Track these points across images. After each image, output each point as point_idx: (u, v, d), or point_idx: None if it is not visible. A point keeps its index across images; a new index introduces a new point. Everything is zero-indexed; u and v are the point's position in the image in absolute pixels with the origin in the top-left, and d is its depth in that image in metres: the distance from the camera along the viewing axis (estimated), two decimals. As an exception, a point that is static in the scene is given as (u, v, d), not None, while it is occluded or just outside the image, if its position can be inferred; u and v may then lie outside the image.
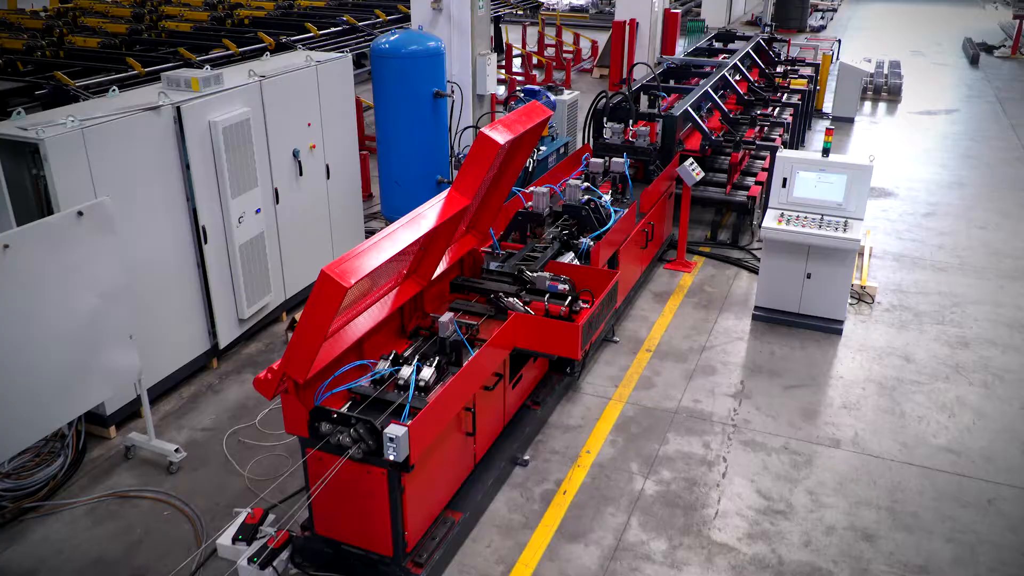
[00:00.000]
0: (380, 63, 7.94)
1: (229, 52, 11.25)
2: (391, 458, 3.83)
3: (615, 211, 6.46)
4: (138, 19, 14.35)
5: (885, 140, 12.76)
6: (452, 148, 8.78)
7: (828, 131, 6.71)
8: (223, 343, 6.34)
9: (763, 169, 9.23)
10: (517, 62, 17.11)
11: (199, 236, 5.91)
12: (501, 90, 15.22)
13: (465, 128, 8.80)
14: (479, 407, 4.78)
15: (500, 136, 4.56)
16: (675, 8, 23.32)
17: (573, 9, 25.08)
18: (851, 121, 13.61)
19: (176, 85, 5.92)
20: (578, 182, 6.42)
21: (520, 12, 20.43)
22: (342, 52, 11.58)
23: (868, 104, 14.95)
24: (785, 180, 6.73)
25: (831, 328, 6.90)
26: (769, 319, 7.08)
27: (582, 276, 5.54)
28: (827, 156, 6.67)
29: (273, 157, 6.56)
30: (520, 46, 18.15)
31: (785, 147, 9.44)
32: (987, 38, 21.24)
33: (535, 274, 5.38)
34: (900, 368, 6.42)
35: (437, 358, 4.43)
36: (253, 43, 11.85)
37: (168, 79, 5.96)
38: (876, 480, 5.19)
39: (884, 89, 15.37)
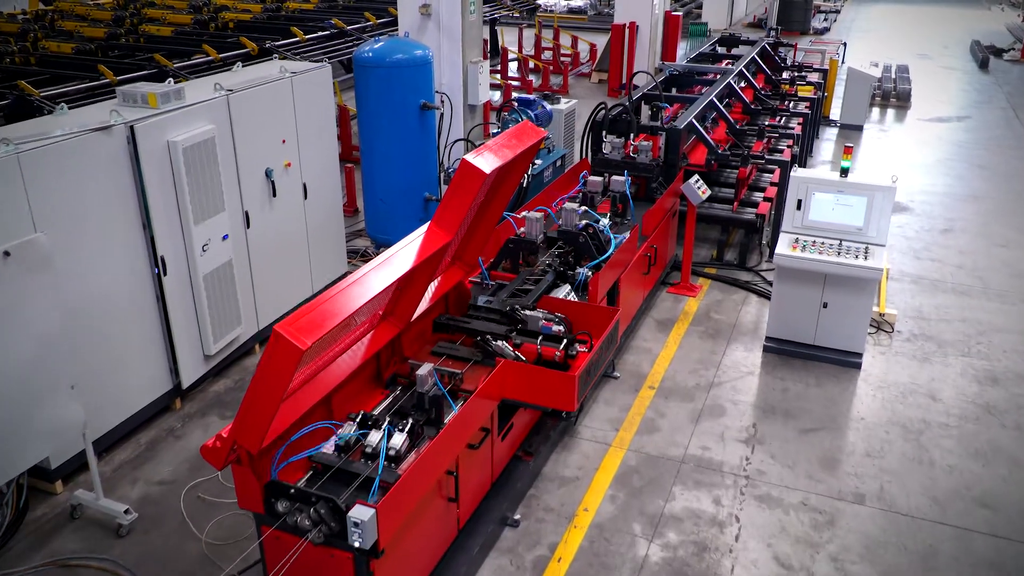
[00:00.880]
0: (363, 73, 7.41)
1: (209, 58, 10.71)
2: (356, 544, 3.30)
3: (615, 238, 5.92)
4: (118, 23, 13.81)
5: (896, 149, 12.24)
6: (441, 163, 8.25)
7: (847, 149, 6.18)
8: (187, 382, 5.80)
9: (772, 183, 8.71)
10: (513, 66, 16.57)
11: (159, 267, 5.38)
12: (496, 96, 14.71)
13: (456, 141, 8.28)
14: (463, 468, 4.24)
15: (486, 164, 4.03)
16: (676, 10, 22.83)
17: (571, 11, 24.53)
18: (860, 129, 13.09)
19: (132, 101, 5.38)
20: (574, 205, 5.88)
21: (516, 15, 19.89)
22: (326, 59, 11.08)
23: (876, 110, 14.43)
24: (800, 202, 6.20)
25: (849, 361, 6.37)
26: (782, 351, 6.55)
27: (579, 313, 5.01)
28: (845, 176, 6.14)
29: (243, 178, 6.02)
30: (516, 50, 17.62)
31: (795, 160, 8.92)
32: (995, 41, 20.72)
33: (527, 312, 4.85)
34: (926, 408, 5.89)
35: (411, 420, 3.89)
36: (236, 48, 11.31)
37: (124, 94, 5.43)
38: (907, 544, 4.66)
39: (893, 95, 14.85)
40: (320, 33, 12.76)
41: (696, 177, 7.17)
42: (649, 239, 6.68)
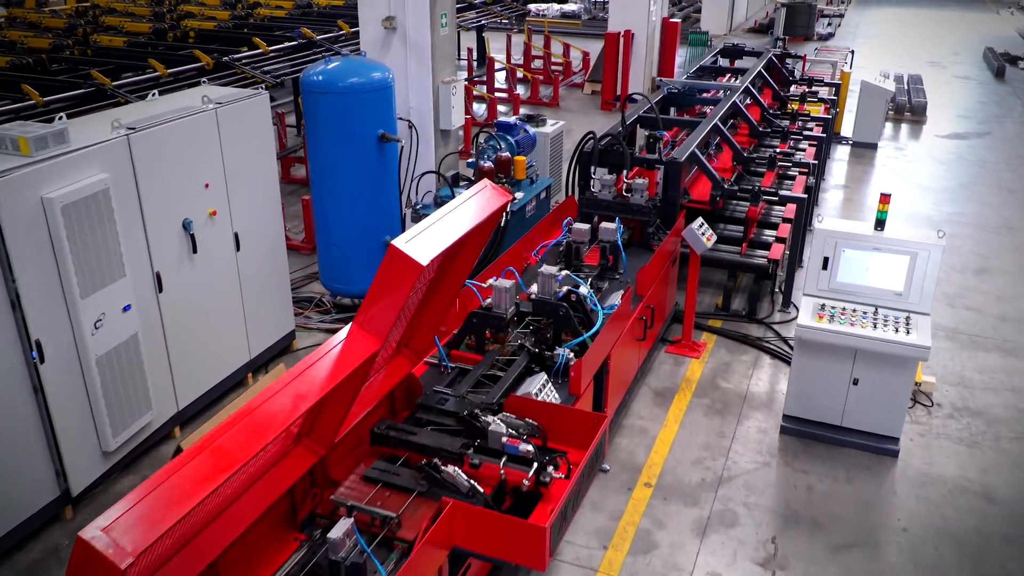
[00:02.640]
0: (312, 100, 6.34)
1: (156, 74, 9.63)
2: None
3: (602, 311, 4.86)
4: (70, 32, 12.71)
5: (914, 171, 11.19)
6: (407, 199, 7.18)
7: (883, 197, 5.13)
8: (78, 487, 4.74)
9: (784, 219, 7.67)
10: (500, 76, 15.51)
11: (36, 353, 4.32)
12: (482, 109, 13.66)
13: (424, 174, 7.22)
14: (397, 648, 3.19)
15: (422, 253, 2.97)
16: (674, 16, 21.79)
17: (564, 16, 23.46)
18: (874, 147, 12.04)
19: (1, 147, 4.32)
20: (553, 270, 4.82)
21: (504, 21, 18.83)
22: (284, 80, 9.96)
23: (889, 125, 13.38)
24: (826, 260, 5.15)
25: (884, 448, 5.33)
26: (803, 433, 5.51)
27: (556, 419, 3.96)
28: (882, 229, 5.09)
29: (153, 234, 4.96)
30: (503, 59, 16.55)
31: (810, 193, 7.88)
32: (1009, 47, 19.69)
33: (489, 420, 3.80)
34: (982, 515, 4.84)
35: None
36: (189, 62, 10.22)
37: (-10, 138, 4.36)
38: None
39: (907, 109, 13.81)
40: (287, 44, 11.66)
41: (700, 221, 6.13)
42: (645, 298, 5.64)
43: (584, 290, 4.84)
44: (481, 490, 3.49)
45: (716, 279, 7.72)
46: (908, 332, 4.87)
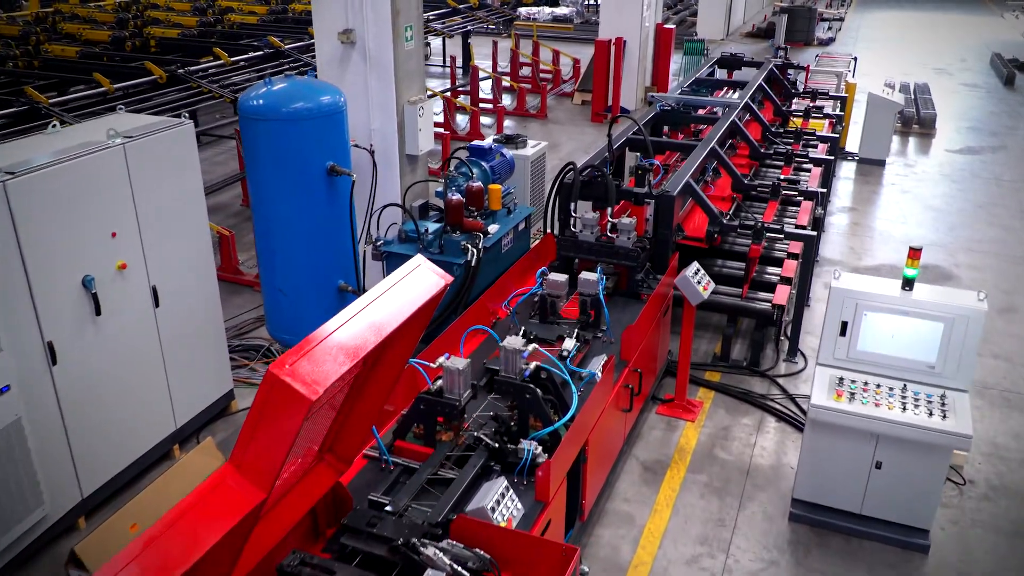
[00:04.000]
0: (251, 128, 5.53)
1: (101, 89, 8.82)
2: None
3: (575, 391, 4.05)
4: (23, 40, 11.88)
5: (925, 190, 10.41)
6: (366, 236, 6.37)
7: (913, 253, 4.33)
8: (-55, 607, 3.94)
9: (789, 255, 6.88)
10: (486, 85, 14.69)
11: None
12: (464, 122, 12.85)
13: (386, 206, 6.40)
14: None
15: (313, 382, 2.16)
16: (669, 20, 21.00)
17: (556, 19, 22.65)
18: (882, 164, 11.25)
19: None
20: (518, 343, 4.00)
21: (492, 26, 18.03)
22: (230, 95, 9.14)
23: (897, 139, 12.58)
24: (845, 326, 4.35)
25: (911, 543, 4.53)
26: (816, 522, 4.71)
27: (516, 548, 3.16)
28: (911, 290, 4.30)
29: (41, 296, 4.15)
30: (490, 66, 15.74)
31: (818, 226, 7.10)
32: (1017, 53, 18.90)
33: (431, 552, 3.00)
34: (1033, 634, 4.06)
35: None
36: (140, 75, 9.41)
37: None
38: None
39: (915, 121, 13.03)
40: (252, 54, 10.85)
41: (695, 268, 5.33)
42: (632, 362, 4.84)
43: (562, 373, 4.04)
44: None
45: (714, 321, 6.93)
46: (944, 416, 4.07)
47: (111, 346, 4.59)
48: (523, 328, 4.82)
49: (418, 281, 2.73)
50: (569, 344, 4.42)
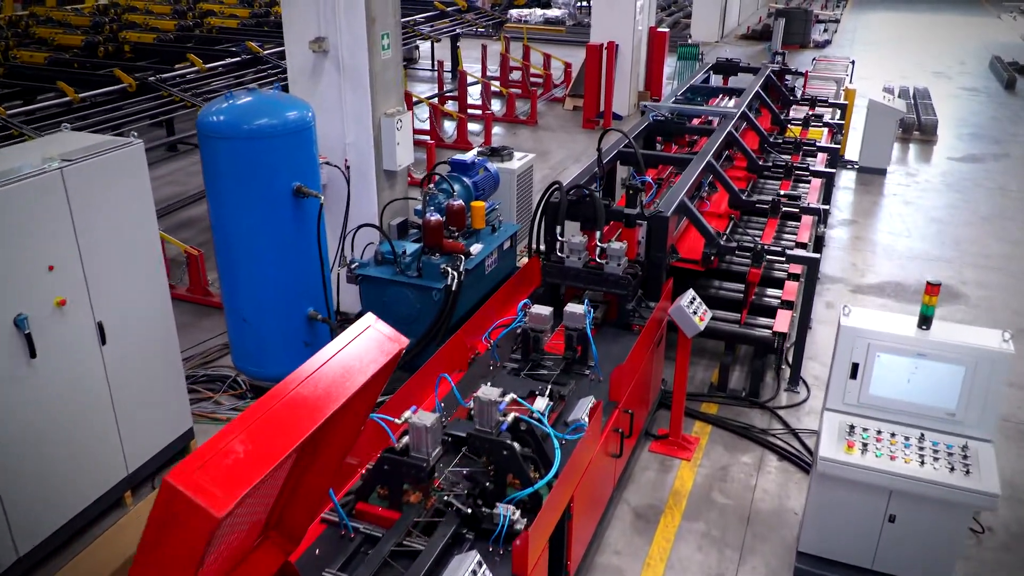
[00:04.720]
0: (211, 147, 5.11)
1: (67, 99, 8.39)
2: None
3: (557, 442, 3.64)
4: (-10, 46, 11.44)
5: (928, 201, 10.03)
6: (339, 257, 5.96)
7: (930, 288, 3.92)
8: None
9: (789, 275, 6.49)
10: (475, 91, 14.27)
11: None
12: (452, 129, 12.43)
13: (360, 227, 5.99)
14: None
15: (220, 495, 1.75)
16: (662, 22, 20.63)
17: (547, 21, 22.26)
18: (882, 173, 10.87)
19: None
20: (494, 394, 3.59)
21: (481, 29, 17.61)
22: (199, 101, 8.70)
23: (897, 146, 12.19)
24: (856, 368, 3.95)
25: (928, 602, 4.14)
26: (823, 578, 4.31)
27: (486, 643, 2.76)
28: (928, 328, 3.90)
29: (-35, 340, 3.74)
30: (479, 70, 15.33)
31: (820, 246, 6.70)
32: (1017, 56, 18.55)
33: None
34: None
35: None
36: (108, 83, 8.98)
37: None
38: None
39: (916, 127, 12.65)
40: (228, 60, 10.43)
41: (691, 296, 4.93)
42: (622, 402, 4.43)
43: (545, 429, 3.63)
44: None
45: (710, 346, 6.54)
46: (968, 471, 3.68)
47: (49, 390, 4.17)
48: (502, 366, 4.41)
49: (367, 346, 2.32)
50: (540, 403, 3.95)
